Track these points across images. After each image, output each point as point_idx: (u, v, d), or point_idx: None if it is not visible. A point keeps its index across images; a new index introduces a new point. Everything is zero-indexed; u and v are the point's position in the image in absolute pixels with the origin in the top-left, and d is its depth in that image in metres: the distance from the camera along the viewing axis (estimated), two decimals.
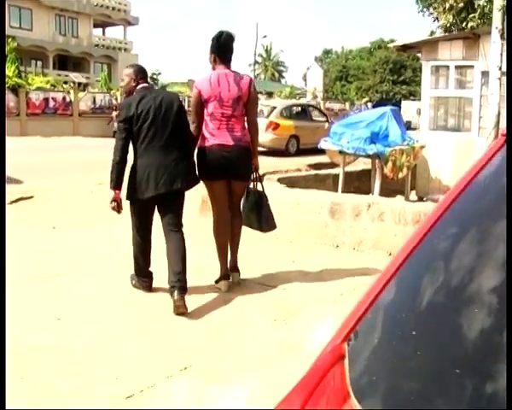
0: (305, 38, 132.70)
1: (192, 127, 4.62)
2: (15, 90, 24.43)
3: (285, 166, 12.68)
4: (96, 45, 45.52)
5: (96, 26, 46.64)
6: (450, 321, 0.96)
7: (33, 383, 3.22)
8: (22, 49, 30.03)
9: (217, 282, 4.77)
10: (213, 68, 4.61)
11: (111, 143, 4.86)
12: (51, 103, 25.63)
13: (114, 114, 23.26)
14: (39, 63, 40.69)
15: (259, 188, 4.86)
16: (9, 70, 25.55)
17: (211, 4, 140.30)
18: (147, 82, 4.65)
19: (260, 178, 4.93)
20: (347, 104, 37.12)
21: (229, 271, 4.82)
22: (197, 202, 7.29)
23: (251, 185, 4.83)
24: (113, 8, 46.27)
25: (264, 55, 65.02)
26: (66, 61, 42.98)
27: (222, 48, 4.57)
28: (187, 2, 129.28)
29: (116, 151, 4.37)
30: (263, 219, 4.79)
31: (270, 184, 6.83)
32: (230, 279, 4.81)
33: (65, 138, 21.88)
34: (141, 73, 4.57)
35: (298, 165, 13.34)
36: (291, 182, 8.23)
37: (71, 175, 11.84)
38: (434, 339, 0.97)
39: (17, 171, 11.99)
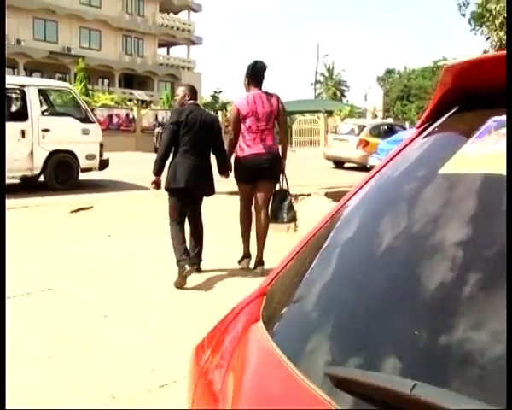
0: (367, 58, 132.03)
1: (228, 140, 5.63)
2: None
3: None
4: (161, 64, 46.64)
5: (160, 45, 47.82)
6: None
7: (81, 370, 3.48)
8: (90, 69, 31.15)
9: (239, 262, 5.80)
10: (247, 90, 5.49)
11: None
12: (115, 120, 26.40)
13: (157, 130, 23.93)
14: (106, 81, 42.05)
15: (285, 186, 5.67)
16: (77, 88, 26.58)
17: (277, 24, 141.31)
18: (196, 100, 5.61)
19: (286, 179, 5.68)
20: (407, 124, 36.65)
21: (256, 264, 5.68)
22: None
23: (278, 185, 5.66)
24: (178, 29, 47.34)
25: (327, 75, 64.96)
26: (131, 80, 44.27)
27: (256, 74, 5.47)
28: (253, 22, 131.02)
29: (162, 146, 5.45)
30: (284, 210, 5.61)
31: (315, 197, 6.83)
32: (250, 260, 5.77)
33: (127, 153, 22.41)
34: (192, 92, 5.58)
35: None
36: (337, 196, 8.22)
37: (130, 188, 12.15)
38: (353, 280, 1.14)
39: (80, 183, 12.44)
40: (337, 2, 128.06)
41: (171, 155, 5.44)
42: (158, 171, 5.43)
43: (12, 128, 10.46)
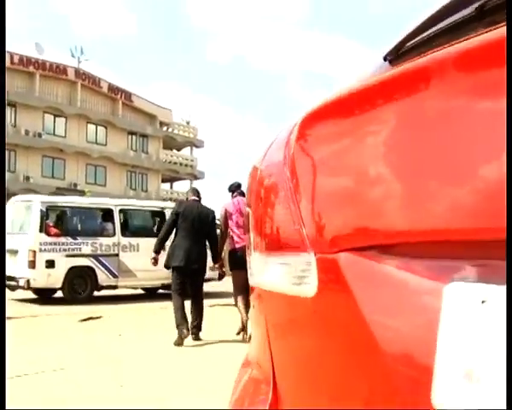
0: None
1: (220, 233, 6.94)
2: None
3: None
4: (164, 199, 47.46)
5: (164, 180, 48.94)
6: None
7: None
8: None
9: (237, 333, 6.89)
10: (233, 198, 6.91)
11: None
12: None
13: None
14: None
15: None
16: None
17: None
18: (197, 198, 6.96)
19: None
20: None
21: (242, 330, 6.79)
22: None
23: None
24: (181, 164, 48.66)
25: None
26: None
27: (235, 189, 6.90)
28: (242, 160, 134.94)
29: (163, 231, 6.82)
30: None
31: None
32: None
33: None
34: (195, 192, 7.08)
35: None
36: None
37: (137, 300, 12.06)
38: None
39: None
40: None
41: (172, 238, 6.63)
42: (157, 250, 6.77)
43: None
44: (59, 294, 12.19)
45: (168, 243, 6.87)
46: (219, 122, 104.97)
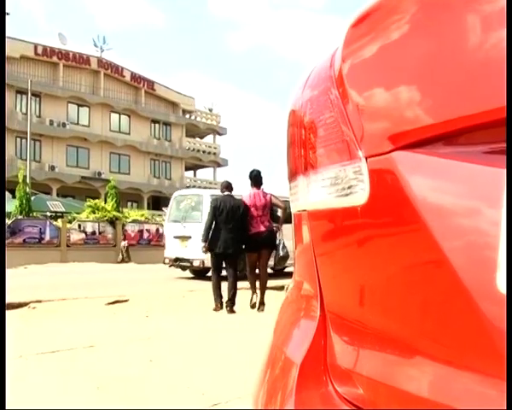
0: None
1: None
2: (113, 222, 25.65)
3: None
4: (188, 187, 47.67)
5: (187, 168, 49.14)
6: None
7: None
8: (120, 192, 31.76)
9: (251, 305, 8.17)
10: (252, 188, 7.98)
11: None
12: (145, 234, 26.62)
13: (123, 243, 25.02)
14: (135, 205, 42.83)
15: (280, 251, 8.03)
16: (109, 204, 26.99)
17: None
18: (229, 192, 8.26)
19: (283, 242, 7.99)
20: None
21: (259, 305, 8.06)
22: None
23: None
24: (204, 152, 48.80)
25: None
26: (159, 202, 45.05)
27: (253, 179, 8.03)
28: (267, 155, 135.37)
29: (207, 222, 8.11)
30: (279, 252, 8.00)
31: None
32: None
33: (158, 265, 22.39)
34: (227, 187, 8.32)
35: None
36: None
37: (164, 284, 12.10)
38: None
39: (115, 283, 12.35)
40: None
41: (213, 227, 7.94)
42: (205, 239, 8.02)
43: None
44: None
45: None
46: (242, 109, 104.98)
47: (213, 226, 7.92)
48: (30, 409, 2.86)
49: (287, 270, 13.30)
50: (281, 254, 7.95)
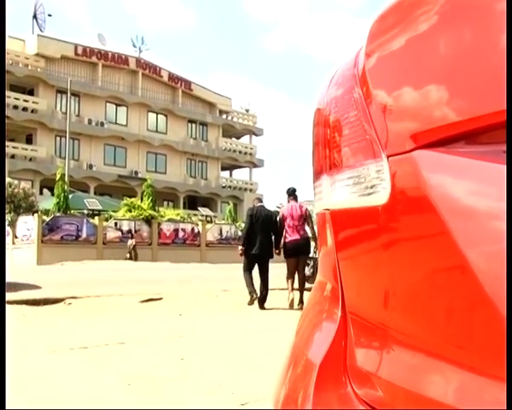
0: None
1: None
2: (149, 221, 25.93)
3: None
4: (223, 187, 47.88)
5: (223, 168, 49.37)
6: None
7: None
8: (156, 191, 32.09)
9: (290, 305, 8.71)
10: (288, 202, 9.04)
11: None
12: (181, 234, 26.83)
13: (130, 242, 24.77)
14: (171, 204, 43.24)
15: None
16: (145, 203, 27.31)
17: None
18: (261, 203, 9.46)
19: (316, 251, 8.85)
20: None
21: (299, 303, 8.63)
22: None
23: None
24: (240, 152, 48.95)
25: None
26: (195, 201, 45.43)
27: (291, 194, 9.02)
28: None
29: (244, 229, 9.24)
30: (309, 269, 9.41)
31: None
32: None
33: (192, 264, 22.58)
34: (260, 200, 9.72)
35: None
36: None
37: (198, 283, 12.16)
38: None
39: (150, 281, 12.48)
40: None
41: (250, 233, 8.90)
42: (243, 244, 9.02)
43: None
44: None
45: None
46: (278, 111, 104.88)
47: (250, 233, 8.90)
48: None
49: None
50: (307, 273, 9.28)
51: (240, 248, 9.07)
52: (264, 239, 8.85)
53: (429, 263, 0.69)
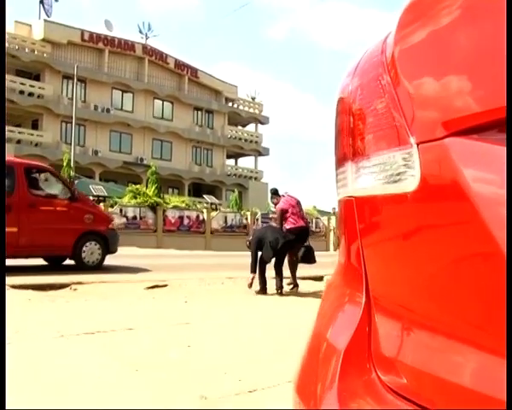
0: None
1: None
2: (154, 208, 25.95)
3: None
4: (229, 175, 47.83)
5: (229, 156, 49.32)
6: None
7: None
8: (161, 178, 32.12)
9: (291, 288, 9.18)
10: (276, 200, 9.31)
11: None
12: (186, 221, 26.84)
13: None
14: (176, 191, 43.27)
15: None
16: (150, 190, 27.33)
17: None
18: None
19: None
20: None
21: (293, 286, 9.15)
22: None
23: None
24: (246, 140, 48.87)
25: None
26: (200, 189, 45.42)
27: (276, 193, 9.43)
28: (318, 143, 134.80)
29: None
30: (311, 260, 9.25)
31: None
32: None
33: (197, 251, 22.61)
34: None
35: None
36: None
37: (204, 270, 12.17)
38: None
39: (155, 268, 12.51)
40: None
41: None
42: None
43: None
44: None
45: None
46: (284, 100, 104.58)
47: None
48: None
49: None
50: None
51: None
52: (276, 231, 9.15)
53: (457, 250, 0.69)
